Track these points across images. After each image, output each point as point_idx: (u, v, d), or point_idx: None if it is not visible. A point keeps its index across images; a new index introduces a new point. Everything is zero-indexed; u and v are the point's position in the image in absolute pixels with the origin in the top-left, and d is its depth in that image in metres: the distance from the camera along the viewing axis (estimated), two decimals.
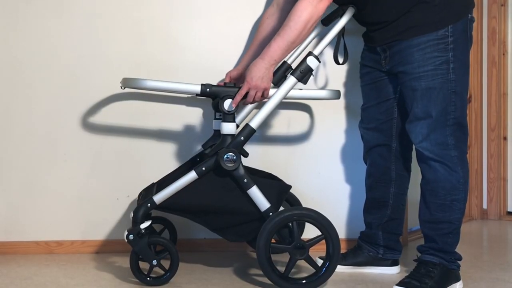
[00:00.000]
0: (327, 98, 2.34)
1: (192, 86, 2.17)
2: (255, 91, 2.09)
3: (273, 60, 2.07)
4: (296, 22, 2.03)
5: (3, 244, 2.53)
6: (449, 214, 2.11)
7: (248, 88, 2.08)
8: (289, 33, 2.03)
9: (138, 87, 2.21)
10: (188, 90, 2.18)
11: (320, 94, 2.35)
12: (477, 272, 2.34)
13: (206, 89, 2.16)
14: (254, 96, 2.10)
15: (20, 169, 2.53)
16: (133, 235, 2.08)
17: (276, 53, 2.06)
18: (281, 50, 2.05)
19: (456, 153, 2.09)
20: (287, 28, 2.04)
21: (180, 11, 2.57)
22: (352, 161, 2.63)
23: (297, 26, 2.03)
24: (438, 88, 2.05)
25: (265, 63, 2.06)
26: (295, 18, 2.03)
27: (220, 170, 2.10)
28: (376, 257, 2.36)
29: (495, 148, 3.41)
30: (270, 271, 2.06)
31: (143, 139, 2.57)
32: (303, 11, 2.02)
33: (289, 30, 2.03)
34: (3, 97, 2.51)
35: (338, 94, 2.35)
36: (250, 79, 2.07)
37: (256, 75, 2.07)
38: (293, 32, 2.03)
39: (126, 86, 2.20)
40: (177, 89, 2.19)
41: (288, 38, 2.04)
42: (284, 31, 2.04)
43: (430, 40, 2.04)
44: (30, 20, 2.50)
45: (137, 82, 2.18)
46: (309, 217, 2.09)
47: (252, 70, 2.07)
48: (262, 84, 2.08)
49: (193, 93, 2.19)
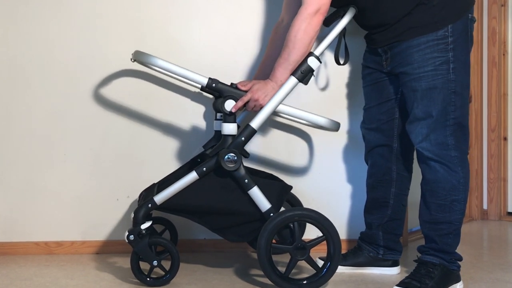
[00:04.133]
0: (325, 127, 2.23)
1: (200, 77, 2.15)
2: (254, 103, 2.12)
3: (280, 81, 2.12)
4: (294, 42, 2.06)
5: (3, 245, 2.52)
6: (449, 215, 2.11)
7: (249, 98, 2.12)
8: (290, 54, 2.07)
9: (147, 62, 2.16)
10: (195, 79, 2.15)
11: (320, 121, 2.21)
12: (477, 273, 2.34)
13: (213, 83, 2.14)
14: (251, 107, 2.14)
15: (20, 169, 2.52)
16: (134, 236, 2.08)
17: (281, 75, 2.11)
18: (286, 71, 2.10)
19: (456, 154, 2.08)
20: (287, 49, 2.08)
21: (180, 11, 2.56)
22: (353, 162, 2.63)
23: (295, 45, 2.06)
24: (438, 88, 2.05)
25: (272, 84, 2.12)
26: (292, 38, 2.06)
27: (221, 170, 2.10)
28: (377, 258, 2.36)
29: (495, 149, 3.41)
30: (271, 272, 2.05)
31: (143, 140, 2.56)
32: (299, 30, 2.05)
33: (289, 50, 2.07)
34: (3, 97, 2.50)
35: (338, 126, 2.25)
36: (255, 92, 2.11)
37: (261, 91, 2.11)
38: (294, 51, 2.07)
39: (136, 59, 2.18)
40: (185, 75, 2.15)
41: (290, 59, 2.08)
42: (286, 52, 2.08)
43: (430, 40, 2.04)
44: (29, 20, 2.49)
45: (148, 57, 2.14)
46: (310, 218, 2.09)
47: (260, 86, 2.12)
48: (262, 100, 2.11)
49: (199, 84, 2.16)
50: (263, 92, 2.11)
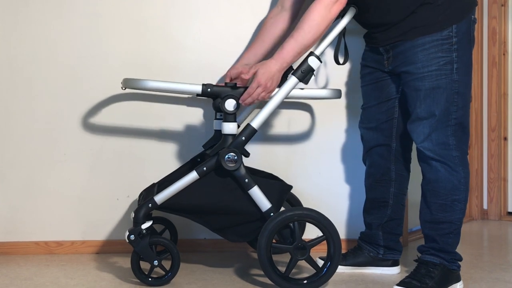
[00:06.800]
0: (328, 97, 2.32)
1: (193, 86, 2.17)
2: (262, 89, 2.07)
3: (286, 63, 2.06)
4: (310, 26, 2.02)
5: (3, 244, 2.52)
6: (450, 214, 2.11)
7: (257, 85, 2.07)
8: (303, 36, 2.03)
9: (138, 87, 2.20)
10: (189, 90, 2.18)
11: (321, 93, 2.33)
12: (478, 273, 2.34)
13: (207, 89, 2.16)
14: (259, 95, 2.08)
15: (20, 169, 2.52)
16: (134, 236, 2.08)
17: (289, 55, 2.05)
18: (294, 53, 2.05)
19: (457, 153, 2.09)
20: (301, 31, 2.03)
21: (180, 11, 2.56)
22: (353, 161, 2.63)
23: (311, 29, 2.02)
24: (442, 88, 2.05)
25: (277, 65, 2.06)
26: (309, 21, 2.02)
27: (221, 170, 2.10)
28: (377, 258, 2.36)
29: (495, 148, 3.41)
30: (271, 271, 2.06)
31: (144, 139, 2.56)
32: (317, 14, 2.02)
33: (303, 33, 2.03)
34: (3, 97, 2.50)
35: (339, 93, 2.34)
36: (261, 77, 2.05)
37: (267, 75, 2.06)
38: (307, 35, 2.03)
39: (127, 87, 2.20)
40: (178, 89, 2.19)
41: (302, 41, 2.04)
42: (298, 33, 2.03)
43: (434, 40, 2.04)
44: (30, 20, 2.49)
45: (137, 82, 2.17)
46: (311, 217, 2.09)
47: (265, 70, 2.06)
48: (271, 85, 2.07)
49: (194, 93, 2.19)
50: (269, 76, 2.05)
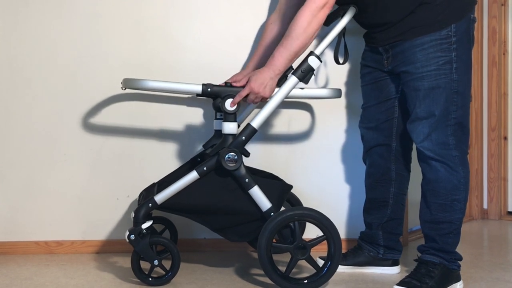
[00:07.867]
0: (328, 97, 2.33)
1: (193, 86, 2.17)
2: (255, 96, 2.10)
3: (278, 70, 2.08)
4: (298, 32, 2.04)
5: (3, 244, 2.52)
6: (449, 214, 2.11)
7: (248, 92, 2.09)
8: (292, 43, 2.04)
9: (139, 87, 2.20)
10: (189, 90, 2.18)
11: (321, 93, 2.34)
12: (478, 272, 2.34)
13: (208, 89, 2.16)
14: (252, 101, 2.12)
15: (20, 169, 2.52)
16: (135, 235, 2.08)
17: (279, 63, 2.07)
18: (284, 60, 2.06)
19: (457, 153, 2.08)
20: (289, 38, 2.05)
21: (180, 11, 2.56)
22: (353, 161, 2.63)
23: (299, 36, 2.04)
24: (441, 88, 2.05)
25: (270, 72, 2.08)
26: (296, 28, 2.04)
27: (221, 170, 2.10)
28: (377, 257, 2.36)
29: (495, 148, 3.41)
30: (271, 271, 2.05)
31: (144, 139, 2.56)
32: (304, 20, 2.03)
33: (291, 40, 2.04)
34: (3, 97, 2.50)
35: (339, 93, 2.35)
36: (253, 84, 2.08)
37: (259, 82, 2.07)
38: (296, 42, 2.04)
39: (127, 87, 2.20)
40: (178, 89, 2.19)
41: (291, 48, 2.05)
42: (287, 41, 2.05)
43: (433, 40, 2.04)
44: (30, 20, 2.49)
45: (138, 82, 2.17)
46: (311, 217, 2.09)
47: (257, 77, 2.08)
48: (263, 92, 2.08)
49: (194, 93, 2.19)
50: (261, 82, 2.08)
